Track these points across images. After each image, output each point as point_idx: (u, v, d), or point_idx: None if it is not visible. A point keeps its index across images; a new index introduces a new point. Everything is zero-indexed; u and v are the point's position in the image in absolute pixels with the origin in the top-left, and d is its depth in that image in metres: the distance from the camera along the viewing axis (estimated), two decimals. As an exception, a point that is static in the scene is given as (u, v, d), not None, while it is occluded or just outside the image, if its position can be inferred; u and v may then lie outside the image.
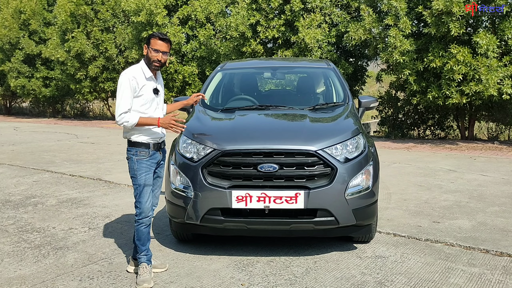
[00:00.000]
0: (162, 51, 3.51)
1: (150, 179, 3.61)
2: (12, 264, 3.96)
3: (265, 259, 3.97)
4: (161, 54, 3.51)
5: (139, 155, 3.57)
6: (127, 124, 3.46)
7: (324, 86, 5.45)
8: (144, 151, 3.58)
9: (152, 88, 3.60)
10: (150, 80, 3.59)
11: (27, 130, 16.10)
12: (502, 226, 4.77)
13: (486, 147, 10.79)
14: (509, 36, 10.00)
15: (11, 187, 6.90)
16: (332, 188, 3.68)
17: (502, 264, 3.83)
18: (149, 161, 3.60)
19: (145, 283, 3.46)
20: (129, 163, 3.62)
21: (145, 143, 3.58)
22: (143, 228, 3.60)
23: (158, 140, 3.65)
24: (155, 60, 3.52)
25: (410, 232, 4.61)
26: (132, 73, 3.51)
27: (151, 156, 3.60)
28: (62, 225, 5.02)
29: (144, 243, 3.61)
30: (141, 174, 3.57)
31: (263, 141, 3.82)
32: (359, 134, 4.07)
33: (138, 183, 3.58)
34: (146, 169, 3.58)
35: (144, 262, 3.58)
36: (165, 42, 3.53)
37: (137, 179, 3.58)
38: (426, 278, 3.58)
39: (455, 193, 6.19)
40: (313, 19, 12.38)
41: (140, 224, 3.60)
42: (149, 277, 3.52)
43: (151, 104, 3.60)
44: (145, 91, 3.55)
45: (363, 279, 3.59)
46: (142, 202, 3.58)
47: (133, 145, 3.59)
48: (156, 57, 3.51)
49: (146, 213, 3.60)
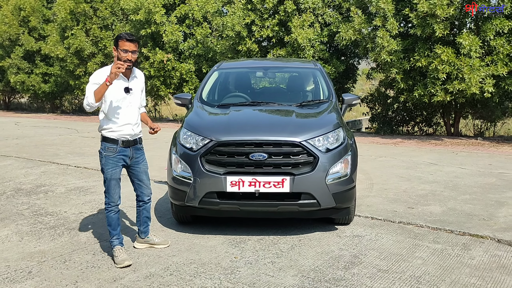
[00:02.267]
0: (131, 51, 3.70)
1: (116, 174, 3.90)
2: (31, 242, 4.47)
3: (255, 238, 4.50)
4: (130, 54, 3.70)
5: (107, 151, 3.86)
6: (89, 105, 3.65)
7: (311, 84, 5.98)
8: (112, 147, 3.84)
9: (123, 87, 3.82)
10: (120, 79, 3.79)
11: (28, 125, 16.54)
12: (469, 211, 5.31)
13: (469, 142, 11.34)
14: (491, 37, 10.53)
15: (21, 177, 7.39)
16: (314, 175, 4.21)
17: (463, 242, 4.37)
18: (116, 157, 3.87)
19: (126, 261, 3.84)
20: (99, 157, 3.92)
21: (114, 139, 3.84)
22: (113, 215, 3.94)
23: (129, 138, 3.89)
24: (126, 60, 3.69)
25: (386, 216, 5.15)
26: (100, 73, 3.73)
27: (118, 152, 3.86)
28: (73, 209, 5.54)
29: (115, 228, 3.96)
30: (108, 169, 3.87)
31: (254, 133, 4.34)
32: (339, 128, 4.60)
33: (105, 177, 3.89)
34: (113, 164, 3.87)
35: (117, 245, 3.95)
36: (132, 42, 3.70)
37: (104, 173, 3.89)
38: (395, 253, 4.13)
39: (432, 184, 6.74)
40: (305, 20, 12.89)
41: (110, 211, 3.93)
42: (126, 256, 3.89)
43: (122, 103, 3.81)
44: (114, 89, 3.75)
45: (340, 253, 4.12)
46: (110, 193, 3.91)
47: (104, 140, 3.87)
48: (126, 57, 3.69)
49: (115, 202, 3.94)
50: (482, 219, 5.02)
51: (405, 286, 3.48)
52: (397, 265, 3.86)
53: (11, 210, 5.50)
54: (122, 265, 3.86)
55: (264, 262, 3.93)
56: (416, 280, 3.58)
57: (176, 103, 5.72)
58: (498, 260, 3.95)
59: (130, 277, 3.67)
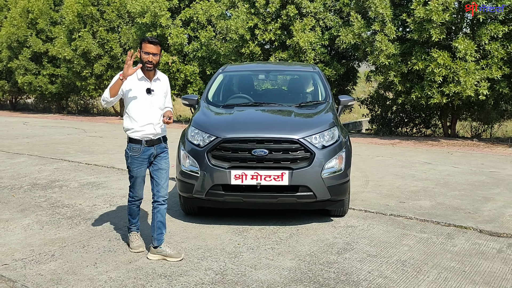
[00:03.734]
0: (152, 53, 3.88)
1: (141, 172, 4.12)
2: (51, 230, 4.88)
3: (257, 227, 4.90)
4: (151, 56, 3.89)
5: (132, 151, 4.05)
6: (104, 99, 3.86)
7: (310, 86, 6.38)
8: (137, 147, 4.02)
9: (145, 88, 4.00)
10: (142, 80, 3.99)
11: (37, 125, 16.99)
12: (456, 206, 5.70)
13: (465, 143, 11.72)
14: (486, 42, 10.91)
15: (35, 173, 7.81)
16: (311, 169, 4.60)
17: (447, 232, 4.76)
18: (141, 156, 4.05)
19: (140, 248, 4.21)
20: (125, 157, 4.16)
21: (138, 140, 4.01)
22: (135, 208, 4.26)
23: (152, 137, 4.04)
24: (147, 62, 3.91)
25: (378, 209, 5.54)
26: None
27: (143, 152, 4.04)
28: (87, 202, 5.94)
29: (134, 217, 4.29)
30: (134, 168, 4.09)
31: (256, 131, 4.74)
32: (334, 127, 4.99)
33: (131, 175, 4.14)
34: (138, 164, 4.07)
35: (134, 231, 4.31)
36: (154, 44, 3.89)
37: (130, 171, 4.12)
38: (384, 241, 4.51)
39: (425, 181, 7.12)
40: (306, 24, 13.30)
41: (132, 204, 4.24)
42: (141, 243, 4.28)
43: (144, 103, 3.98)
44: (136, 90, 3.96)
45: (334, 241, 4.52)
46: (135, 189, 4.18)
47: (129, 141, 4.07)
48: (147, 58, 3.89)
49: (139, 197, 4.22)
50: (467, 212, 5.40)
51: (391, 268, 3.87)
52: (386, 251, 4.25)
53: (29, 202, 5.91)
54: (136, 251, 4.25)
55: (265, 248, 4.32)
56: (401, 263, 3.97)
57: (183, 104, 6.12)
58: (477, 248, 4.34)
59: (144, 259, 4.07)
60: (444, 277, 3.71)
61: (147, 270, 3.84)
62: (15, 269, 3.85)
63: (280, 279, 3.66)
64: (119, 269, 3.87)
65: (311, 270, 3.84)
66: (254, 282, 3.62)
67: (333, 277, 3.70)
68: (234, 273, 3.78)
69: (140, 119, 4.01)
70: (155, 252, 4.10)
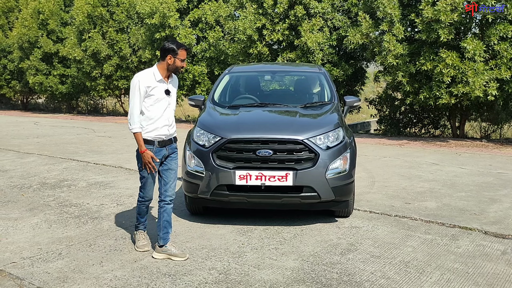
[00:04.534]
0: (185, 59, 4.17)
1: (153, 173, 4.14)
2: (59, 228, 4.95)
3: (261, 227, 4.93)
4: (185, 62, 4.20)
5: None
6: (130, 128, 4.03)
7: (315, 87, 6.39)
8: (149, 147, 4.04)
9: (163, 89, 4.08)
10: (161, 82, 4.06)
11: (47, 125, 17.17)
12: (462, 207, 5.68)
13: (473, 144, 11.65)
14: (495, 42, 10.84)
15: (44, 172, 7.91)
16: (315, 170, 4.62)
17: (452, 233, 4.75)
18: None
19: (146, 247, 4.29)
20: (137, 156, 4.18)
21: (150, 140, 4.05)
22: (144, 208, 4.31)
23: (164, 138, 4.11)
24: (181, 67, 4.09)
25: (384, 210, 5.54)
26: (142, 76, 3.99)
27: (155, 152, 4.06)
28: (95, 201, 6.02)
29: (142, 216, 4.35)
30: (145, 169, 4.11)
31: (261, 131, 4.77)
32: (339, 127, 5.01)
33: (142, 175, 4.16)
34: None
35: (141, 230, 4.38)
36: (188, 52, 4.19)
37: (141, 171, 4.16)
38: (388, 242, 4.52)
39: (431, 182, 7.10)
40: (315, 24, 13.30)
41: (142, 204, 4.28)
42: (147, 242, 4.36)
43: (162, 104, 4.06)
44: (156, 92, 4.02)
45: (338, 241, 4.53)
46: (146, 190, 4.20)
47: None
48: (183, 64, 4.09)
49: (149, 197, 4.24)
50: (473, 214, 5.39)
51: (394, 269, 3.88)
52: (389, 252, 4.26)
53: (38, 202, 6.00)
54: (142, 250, 4.30)
55: (269, 248, 4.35)
56: (404, 264, 3.98)
57: (190, 104, 6.17)
58: (482, 249, 4.33)
59: (149, 258, 4.12)
60: (447, 278, 3.71)
61: (152, 269, 3.89)
62: (23, 267, 3.92)
63: (283, 279, 3.69)
64: (124, 267, 3.92)
65: (314, 270, 3.86)
66: (257, 282, 3.65)
67: (335, 277, 3.73)
68: (238, 272, 3.82)
69: (158, 120, 4.07)
70: (160, 251, 4.15)
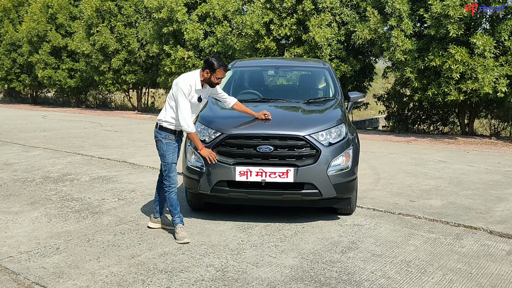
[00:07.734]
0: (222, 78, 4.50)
1: (175, 158, 4.49)
2: (59, 223, 4.93)
3: (262, 224, 4.87)
4: (221, 80, 4.53)
5: (167, 139, 4.46)
6: (185, 129, 4.38)
7: (320, 83, 6.30)
8: (171, 136, 4.47)
9: (197, 96, 4.47)
10: (199, 91, 4.48)
11: (55, 119, 17.23)
12: (468, 206, 5.57)
13: (482, 142, 11.48)
14: (506, 38, 10.64)
15: (49, 166, 7.91)
16: (316, 166, 4.54)
17: (456, 232, 4.66)
18: (174, 144, 4.49)
19: (185, 239, 4.37)
20: (159, 144, 4.50)
21: (173, 130, 4.47)
22: (173, 195, 4.48)
23: (181, 129, 4.49)
24: (216, 84, 4.48)
25: (387, 207, 5.45)
26: (188, 83, 4.39)
27: (176, 140, 4.49)
28: (96, 196, 5.99)
29: (175, 208, 4.49)
30: (169, 154, 4.46)
31: (262, 127, 4.70)
32: (342, 124, 4.92)
33: (167, 161, 4.46)
34: (172, 150, 4.47)
35: (179, 223, 4.47)
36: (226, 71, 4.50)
37: (166, 157, 4.46)
38: (391, 240, 4.44)
39: (438, 179, 6.99)
40: (323, 19, 13.16)
41: (170, 193, 4.47)
42: (186, 234, 4.42)
43: (193, 108, 4.47)
44: (193, 98, 4.43)
45: (339, 239, 4.46)
46: (171, 176, 4.46)
47: (164, 130, 4.47)
48: (218, 82, 4.47)
49: (175, 184, 4.50)
50: (479, 213, 5.28)
51: (395, 268, 3.80)
52: (391, 250, 4.18)
53: (40, 195, 5.99)
54: (182, 241, 4.35)
55: (268, 245, 4.29)
56: (406, 264, 3.90)
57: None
58: (486, 249, 4.23)
59: (147, 254, 4.08)
60: (449, 279, 3.62)
61: (149, 266, 3.84)
62: (20, 262, 3.90)
63: (281, 278, 3.63)
64: (121, 263, 3.88)
65: (313, 268, 3.79)
66: (255, 280, 3.59)
67: (335, 276, 3.66)
68: (235, 270, 3.76)
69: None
70: (156, 221, 4.73)
